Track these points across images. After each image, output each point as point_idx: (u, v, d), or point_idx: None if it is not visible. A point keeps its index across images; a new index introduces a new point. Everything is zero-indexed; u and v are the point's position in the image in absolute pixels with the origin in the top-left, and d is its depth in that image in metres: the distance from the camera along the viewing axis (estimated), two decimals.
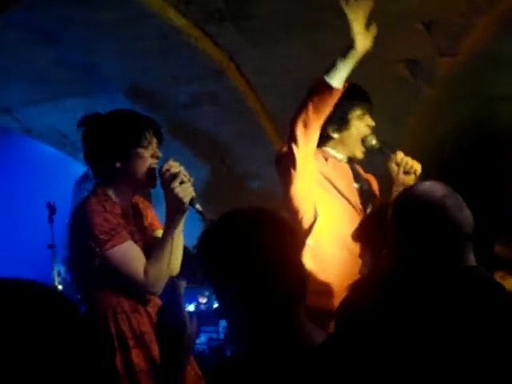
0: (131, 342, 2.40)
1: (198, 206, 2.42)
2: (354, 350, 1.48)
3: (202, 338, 4.48)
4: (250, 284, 1.44)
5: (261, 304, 1.44)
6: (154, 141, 2.52)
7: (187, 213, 2.41)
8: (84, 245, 2.37)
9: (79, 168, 5.16)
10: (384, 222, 1.87)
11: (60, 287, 4.38)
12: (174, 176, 2.37)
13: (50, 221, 4.23)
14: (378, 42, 3.42)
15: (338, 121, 2.80)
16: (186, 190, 2.37)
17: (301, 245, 1.53)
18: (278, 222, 1.52)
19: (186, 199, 2.37)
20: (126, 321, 2.43)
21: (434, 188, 1.76)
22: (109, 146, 2.46)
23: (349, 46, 2.62)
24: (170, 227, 2.39)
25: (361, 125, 2.82)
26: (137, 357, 2.39)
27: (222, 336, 4.46)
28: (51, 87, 4.30)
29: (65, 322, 1.02)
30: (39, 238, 4.39)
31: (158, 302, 2.45)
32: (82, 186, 4.21)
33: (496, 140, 3.99)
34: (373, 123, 2.84)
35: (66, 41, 3.78)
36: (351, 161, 2.89)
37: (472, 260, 1.72)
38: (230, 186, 4.40)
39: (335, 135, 2.82)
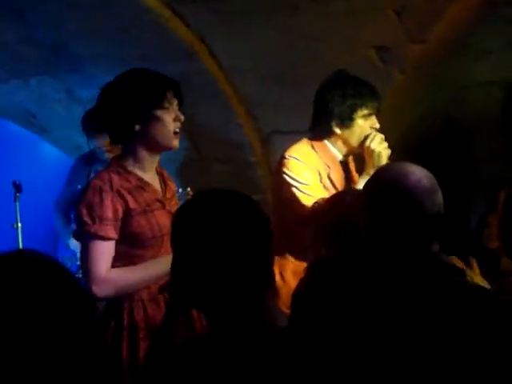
0: (142, 334, 2.27)
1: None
2: (313, 334, 1.49)
3: None
4: (217, 264, 1.44)
5: (224, 286, 1.45)
6: (175, 102, 2.35)
7: None
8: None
9: (46, 147, 5.10)
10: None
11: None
12: None
13: (16, 200, 4.17)
14: (348, 28, 3.45)
15: (343, 117, 2.78)
16: None
17: (271, 232, 1.53)
18: (251, 206, 1.52)
19: None
20: (142, 309, 2.30)
21: (408, 170, 1.76)
22: (127, 108, 2.28)
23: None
24: None
25: (365, 125, 2.80)
26: (144, 350, 2.24)
27: None
28: (18, 65, 4.22)
29: (58, 291, 1.02)
30: (4, 217, 4.34)
31: None
32: (87, 167, 4.16)
33: (464, 127, 4.05)
34: (377, 125, 2.81)
35: (34, 18, 3.72)
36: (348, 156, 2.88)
37: (436, 247, 1.74)
38: (201, 170, 4.39)
39: (337, 131, 2.81)
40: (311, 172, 2.77)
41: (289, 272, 2.81)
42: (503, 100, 4.01)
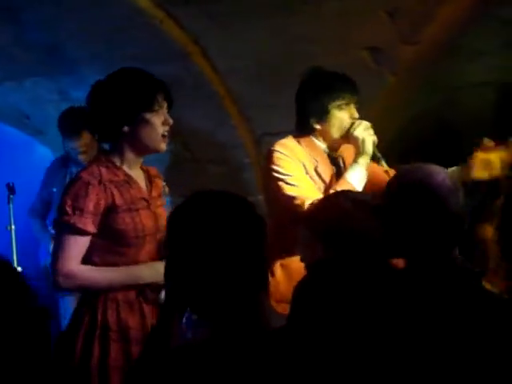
0: (114, 335, 2.27)
1: None
2: (313, 335, 1.49)
3: None
4: (212, 265, 1.45)
5: (219, 287, 1.45)
6: (165, 105, 2.34)
7: None
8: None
9: (40, 149, 5.09)
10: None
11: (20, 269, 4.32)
12: None
13: (9, 202, 4.16)
14: (341, 28, 3.46)
15: (318, 112, 2.81)
16: None
17: (266, 233, 1.53)
18: (246, 207, 1.53)
19: None
20: (115, 311, 2.30)
21: (433, 170, 1.75)
22: (115, 109, 2.27)
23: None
24: None
25: (342, 115, 2.80)
26: (115, 351, 2.26)
27: (184, 320, 4.45)
28: (12, 66, 4.22)
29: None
30: None
31: (156, 300, 2.32)
32: (63, 169, 4.13)
33: (457, 128, 4.05)
34: (356, 114, 2.82)
35: (28, 20, 3.72)
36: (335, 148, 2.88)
37: (456, 251, 1.74)
38: (194, 171, 4.39)
39: (317, 126, 2.83)
40: (295, 163, 2.79)
41: (279, 268, 2.81)
42: (496, 101, 4.02)
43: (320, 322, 1.53)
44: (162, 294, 2.25)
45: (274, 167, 2.79)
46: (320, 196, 2.66)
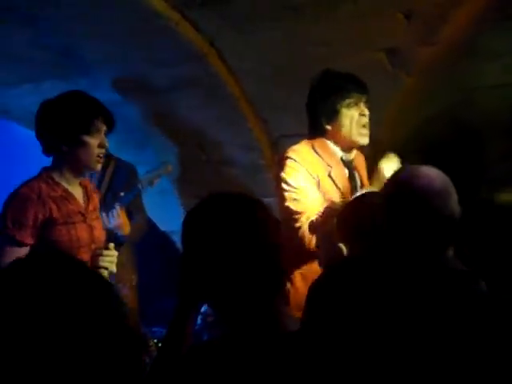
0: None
1: None
2: (327, 336, 1.49)
3: None
4: (228, 268, 1.45)
5: (235, 290, 1.45)
6: (103, 128, 2.55)
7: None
8: None
9: None
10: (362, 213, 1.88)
11: None
12: None
13: None
14: (357, 30, 3.45)
15: (328, 112, 2.84)
16: None
17: (281, 235, 1.53)
18: (262, 209, 1.53)
19: None
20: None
21: (420, 172, 1.74)
22: (55, 131, 2.51)
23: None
24: None
25: (352, 113, 2.82)
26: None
27: (199, 321, 4.46)
28: (29, 69, 4.25)
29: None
30: None
31: None
32: None
33: (473, 130, 4.03)
34: (366, 112, 2.84)
35: (44, 22, 3.74)
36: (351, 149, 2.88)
37: (450, 252, 1.73)
38: (209, 173, 4.39)
39: (328, 127, 2.84)
40: (304, 173, 2.79)
41: (298, 276, 2.81)
42: None
43: (332, 323, 1.53)
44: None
45: (284, 177, 2.81)
46: (320, 210, 2.67)
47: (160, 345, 1.94)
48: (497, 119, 3.99)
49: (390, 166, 2.76)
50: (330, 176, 2.82)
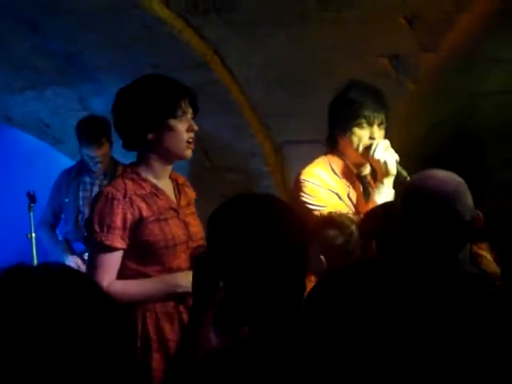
0: (155, 346, 2.24)
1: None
2: (325, 339, 1.49)
3: None
4: (254, 270, 1.43)
5: (261, 292, 1.44)
6: (190, 111, 2.33)
7: None
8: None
9: (60, 158, 5.13)
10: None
11: None
12: None
13: (30, 210, 4.19)
14: (361, 36, 3.45)
15: (341, 126, 2.79)
16: None
17: (307, 238, 1.52)
18: (288, 211, 1.52)
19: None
20: (155, 321, 2.27)
21: (431, 174, 1.74)
22: (138, 118, 2.25)
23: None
24: None
25: (361, 134, 2.75)
26: (157, 362, 2.23)
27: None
28: (32, 75, 4.26)
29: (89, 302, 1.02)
30: (18, 227, 4.36)
31: None
32: (75, 180, 4.10)
33: (477, 136, 4.02)
34: (376, 135, 2.76)
35: (47, 29, 3.75)
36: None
37: (463, 255, 1.72)
38: (214, 179, 4.39)
39: (340, 140, 2.82)
40: (328, 193, 2.75)
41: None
42: None
43: (327, 327, 1.53)
44: None
45: (306, 199, 2.73)
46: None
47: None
48: (500, 126, 3.98)
49: (388, 154, 2.73)
50: (348, 197, 2.79)
